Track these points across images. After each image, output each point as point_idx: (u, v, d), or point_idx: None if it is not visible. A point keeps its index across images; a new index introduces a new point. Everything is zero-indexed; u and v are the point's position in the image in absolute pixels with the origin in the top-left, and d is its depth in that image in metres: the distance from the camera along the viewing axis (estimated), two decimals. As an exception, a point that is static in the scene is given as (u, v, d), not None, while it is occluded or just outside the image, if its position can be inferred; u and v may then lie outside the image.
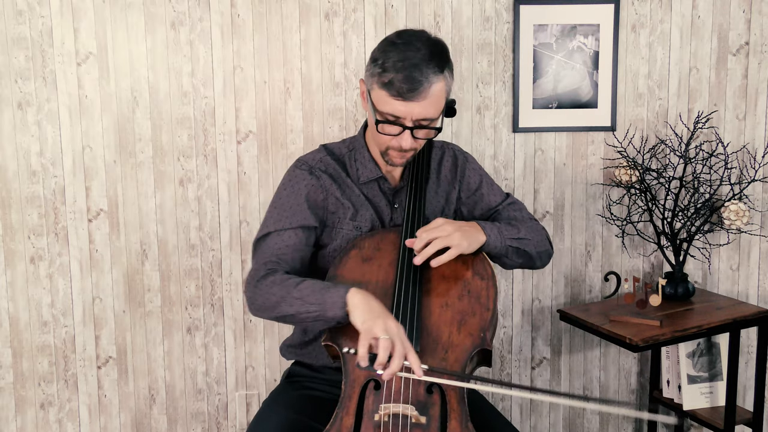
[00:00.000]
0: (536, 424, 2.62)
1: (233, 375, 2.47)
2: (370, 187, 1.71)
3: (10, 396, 2.39)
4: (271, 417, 1.64)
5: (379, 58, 1.53)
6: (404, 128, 1.54)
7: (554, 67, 2.42)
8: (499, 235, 1.62)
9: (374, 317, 1.38)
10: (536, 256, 1.72)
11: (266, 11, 2.33)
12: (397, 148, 1.58)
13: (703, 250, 2.52)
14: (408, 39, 1.54)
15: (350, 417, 1.44)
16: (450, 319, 1.52)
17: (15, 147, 2.29)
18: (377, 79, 1.53)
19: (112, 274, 2.38)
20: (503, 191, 1.81)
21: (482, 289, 1.55)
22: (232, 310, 2.44)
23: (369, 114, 1.61)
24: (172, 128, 2.34)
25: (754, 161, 2.50)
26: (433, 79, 1.51)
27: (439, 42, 1.57)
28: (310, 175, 1.68)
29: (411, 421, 1.42)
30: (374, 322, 1.37)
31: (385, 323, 1.37)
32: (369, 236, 1.63)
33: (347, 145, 1.75)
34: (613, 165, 2.49)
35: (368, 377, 1.47)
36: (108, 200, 2.34)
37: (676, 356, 2.42)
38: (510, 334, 2.56)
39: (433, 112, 1.54)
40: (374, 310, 1.41)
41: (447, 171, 1.78)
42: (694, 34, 2.46)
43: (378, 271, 1.57)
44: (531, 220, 1.76)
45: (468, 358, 1.48)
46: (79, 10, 2.26)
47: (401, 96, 1.50)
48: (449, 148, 1.81)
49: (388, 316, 1.40)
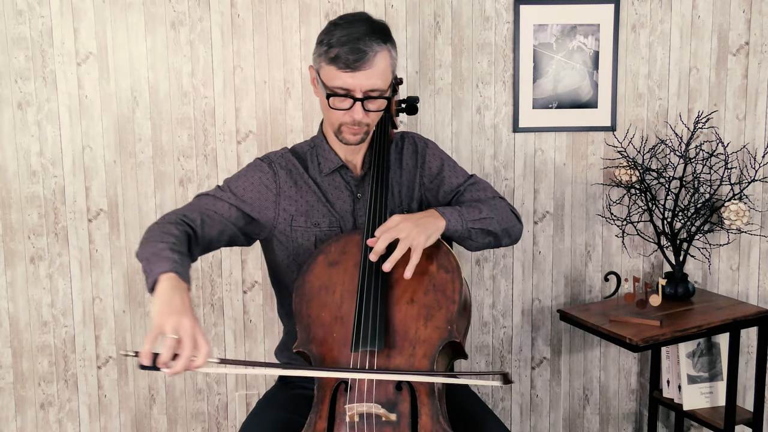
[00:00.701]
0: (536, 424, 2.62)
1: (233, 375, 2.47)
2: (332, 179, 1.73)
3: (10, 396, 2.39)
4: (264, 416, 1.65)
5: (324, 38, 1.60)
6: (355, 100, 1.58)
7: (554, 67, 2.42)
8: (460, 218, 1.62)
9: (168, 313, 1.33)
10: (502, 234, 1.71)
11: (266, 11, 2.33)
12: (350, 122, 1.61)
13: (703, 250, 2.52)
14: (350, 19, 1.62)
15: (323, 420, 1.46)
16: (416, 315, 1.53)
17: (15, 147, 2.29)
18: (324, 57, 1.58)
19: (112, 274, 2.38)
20: (466, 172, 1.82)
21: (447, 281, 1.56)
22: (232, 310, 2.44)
23: (321, 97, 1.65)
24: (172, 128, 2.34)
25: (754, 161, 2.50)
26: (377, 48, 1.56)
27: (381, 21, 1.64)
28: (269, 168, 1.73)
29: (380, 419, 1.43)
30: (166, 318, 1.32)
31: (179, 321, 1.32)
32: (335, 240, 1.64)
33: (309, 143, 1.79)
34: (613, 165, 2.49)
35: (338, 381, 1.49)
36: (108, 200, 2.34)
37: (676, 356, 2.42)
38: (510, 334, 2.56)
39: (381, 83, 1.59)
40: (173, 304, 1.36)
41: (408, 158, 1.79)
42: (694, 34, 2.46)
43: (344, 274, 1.59)
44: (495, 198, 1.76)
45: (436, 352, 1.49)
46: (79, 10, 2.26)
47: (348, 67, 1.55)
48: (409, 136, 1.83)
49: (185, 313, 1.34)
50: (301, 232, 1.70)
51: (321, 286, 1.58)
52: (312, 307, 1.56)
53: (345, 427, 1.44)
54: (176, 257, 1.46)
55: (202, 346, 1.33)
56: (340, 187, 1.73)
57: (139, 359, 1.31)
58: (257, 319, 2.45)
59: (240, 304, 2.44)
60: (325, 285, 1.58)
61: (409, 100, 1.88)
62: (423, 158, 1.79)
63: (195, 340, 1.32)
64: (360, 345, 1.48)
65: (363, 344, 1.48)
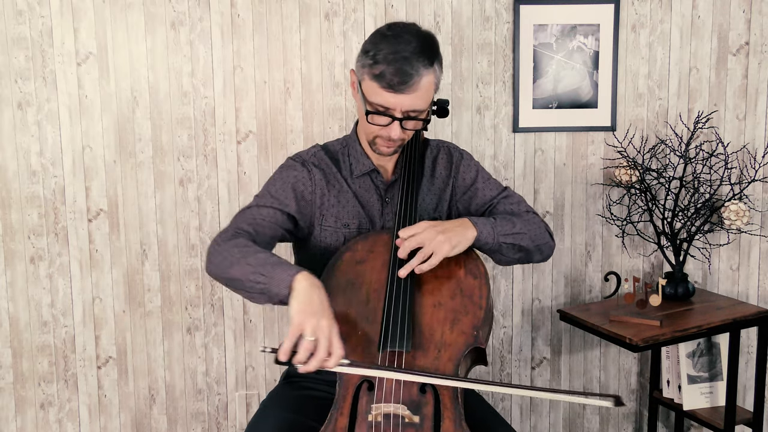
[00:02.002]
0: (536, 424, 2.62)
1: (233, 375, 2.47)
2: (362, 181, 1.72)
3: (10, 396, 2.39)
4: (269, 417, 1.64)
5: (370, 50, 1.56)
6: (393, 119, 1.56)
7: (554, 67, 2.42)
8: (492, 230, 1.61)
9: (309, 313, 1.37)
10: (534, 250, 1.70)
11: (266, 11, 2.33)
12: (386, 137, 1.60)
13: (703, 250, 2.52)
14: (399, 32, 1.56)
15: (344, 417, 1.45)
16: (443, 318, 1.53)
17: (15, 147, 2.29)
18: (368, 71, 1.55)
19: (112, 274, 2.38)
20: (500, 185, 1.80)
21: (475, 287, 1.55)
22: (232, 310, 2.44)
23: (359, 104, 1.63)
24: (172, 128, 2.34)
25: (754, 161, 2.50)
26: (423, 72, 1.53)
27: (429, 35, 1.59)
28: (302, 167, 1.71)
29: (404, 420, 1.42)
30: (307, 318, 1.36)
31: (318, 322, 1.36)
32: (362, 239, 1.64)
33: (341, 143, 1.78)
34: (613, 165, 2.49)
35: (361, 378, 1.48)
36: (108, 200, 2.34)
37: (676, 356, 2.42)
38: (510, 334, 2.56)
39: (422, 104, 1.57)
40: (313, 303, 1.39)
41: (442, 168, 1.78)
42: (694, 34, 2.46)
43: (371, 272, 1.58)
44: (528, 213, 1.74)
45: (461, 356, 1.48)
46: (79, 10, 2.26)
47: (392, 88, 1.52)
48: (444, 146, 1.81)
49: (323, 314, 1.38)
50: (330, 232, 1.70)
51: (347, 282, 1.57)
52: (338, 303, 1.54)
53: (366, 425, 1.43)
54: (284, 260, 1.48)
55: (336, 350, 1.37)
56: (369, 190, 1.72)
57: (278, 356, 1.36)
58: (257, 319, 2.45)
59: (240, 304, 2.44)
60: (351, 282, 1.57)
61: (440, 103, 1.85)
62: (457, 170, 1.78)
63: (331, 343, 1.37)
64: (388, 345, 1.48)
65: (391, 344, 1.48)
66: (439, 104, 1.83)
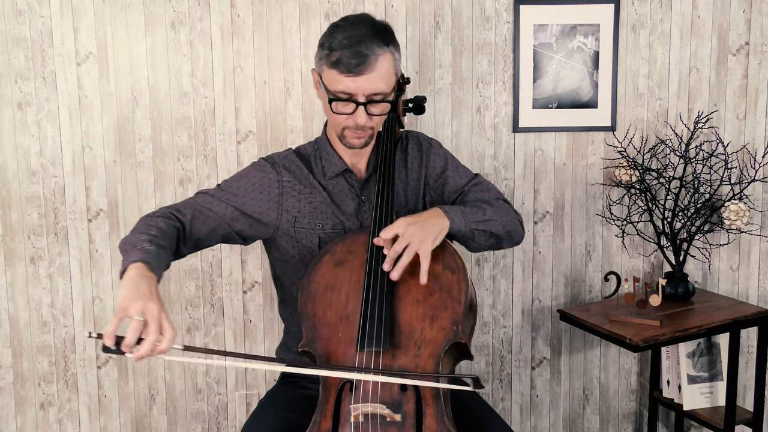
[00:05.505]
0: (536, 424, 2.62)
1: (233, 375, 2.47)
2: (336, 182, 1.73)
3: (10, 396, 2.39)
4: (266, 416, 1.65)
5: (325, 41, 1.59)
6: (357, 104, 1.57)
7: (554, 67, 2.42)
8: (463, 218, 1.62)
9: (134, 297, 1.34)
10: (505, 237, 1.72)
11: (266, 11, 2.33)
12: (353, 126, 1.60)
13: (703, 250, 2.52)
14: (352, 21, 1.60)
15: (327, 420, 1.45)
16: (422, 315, 1.53)
17: (15, 147, 2.29)
18: (326, 61, 1.57)
19: (112, 274, 2.38)
20: (471, 172, 1.81)
21: (453, 282, 1.55)
22: (232, 310, 2.44)
23: (324, 100, 1.64)
24: (172, 128, 2.34)
25: (754, 161, 2.50)
26: (379, 52, 1.55)
27: (383, 22, 1.62)
28: (272, 168, 1.72)
29: (385, 420, 1.43)
30: (132, 302, 1.33)
31: (145, 305, 1.32)
32: (341, 240, 1.64)
33: (312, 145, 1.79)
34: (613, 165, 2.49)
35: (343, 380, 1.48)
36: (108, 200, 2.34)
37: (676, 356, 2.42)
38: (510, 334, 2.56)
39: (383, 86, 1.58)
40: (140, 290, 1.36)
41: (413, 158, 1.79)
42: (694, 34, 2.46)
43: (350, 274, 1.58)
44: (498, 200, 1.76)
45: (442, 352, 1.48)
46: (79, 10, 2.26)
47: (350, 71, 1.54)
48: (413, 136, 1.82)
49: (150, 299, 1.35)
50: (305, 234, 1.70)
51: (327, 285, 1.58)
52: (318, 306, 1.56)
53: (349, 426, 1.43)
54: (152, 249, 1.46)
55: (167, 330, 1.32)
56: (344, 190, 1.73)
57: (103, 340, 1.30)
58: (257, 319, 2.45)
59: (240, 304, 2.44)
60: (331, 284, 1.58)
61: (416, 100, 1.86)
62: (427, 158, 1.79)
63: (161, 323, 1.32)
64: (365, 345, 1.48)
65: (368, 344, 1.48)
66: (416, 101, 1.85)
